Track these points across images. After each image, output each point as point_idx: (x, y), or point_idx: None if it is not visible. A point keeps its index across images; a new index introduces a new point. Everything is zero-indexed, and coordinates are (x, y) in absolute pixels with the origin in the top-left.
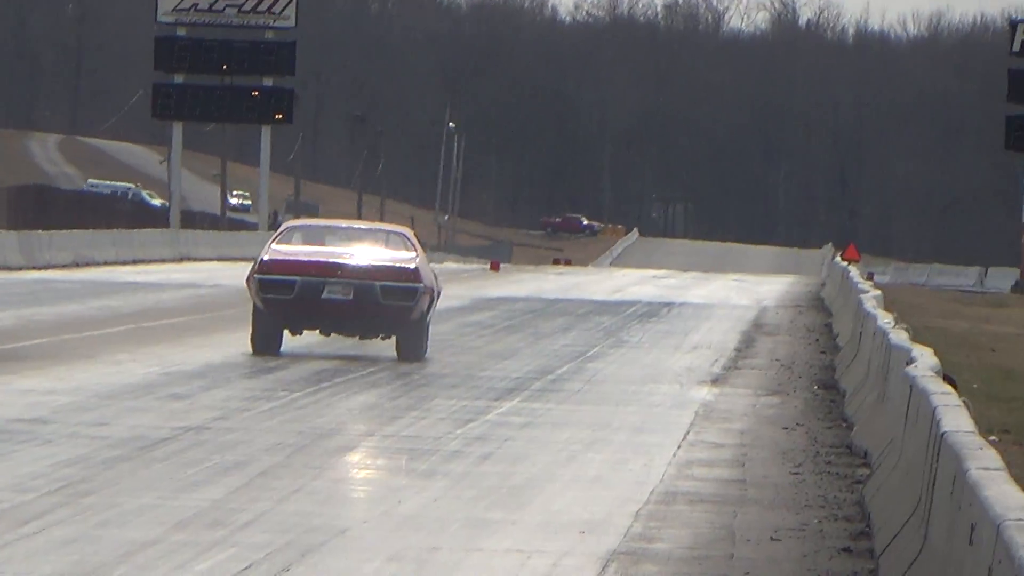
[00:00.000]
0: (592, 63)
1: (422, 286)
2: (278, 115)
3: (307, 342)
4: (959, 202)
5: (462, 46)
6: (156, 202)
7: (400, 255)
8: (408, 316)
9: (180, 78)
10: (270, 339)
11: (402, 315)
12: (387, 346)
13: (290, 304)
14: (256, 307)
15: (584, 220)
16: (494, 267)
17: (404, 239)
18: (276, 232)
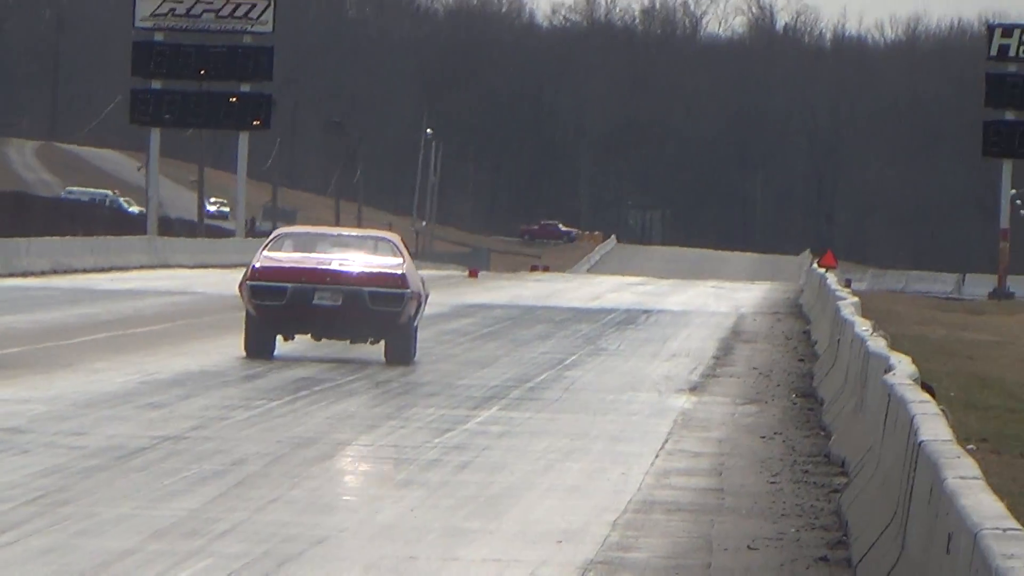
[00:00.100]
0: (569, 69)
1: (409, 291)
2: (256, 121)
3: (299, 347)
4: (936, 208)
5: (439, 52)
6: (133, 209)
7: (388, 261)
8: (396, 320)
9: (158, 84)
10: (263, 344)
11: (390, 319)
12: (375, 350)
13: (281, 310)
14: (249, 313)
15: (561, 227)
16: (472, 274)
17: (392, 246)
18: (267, 239)
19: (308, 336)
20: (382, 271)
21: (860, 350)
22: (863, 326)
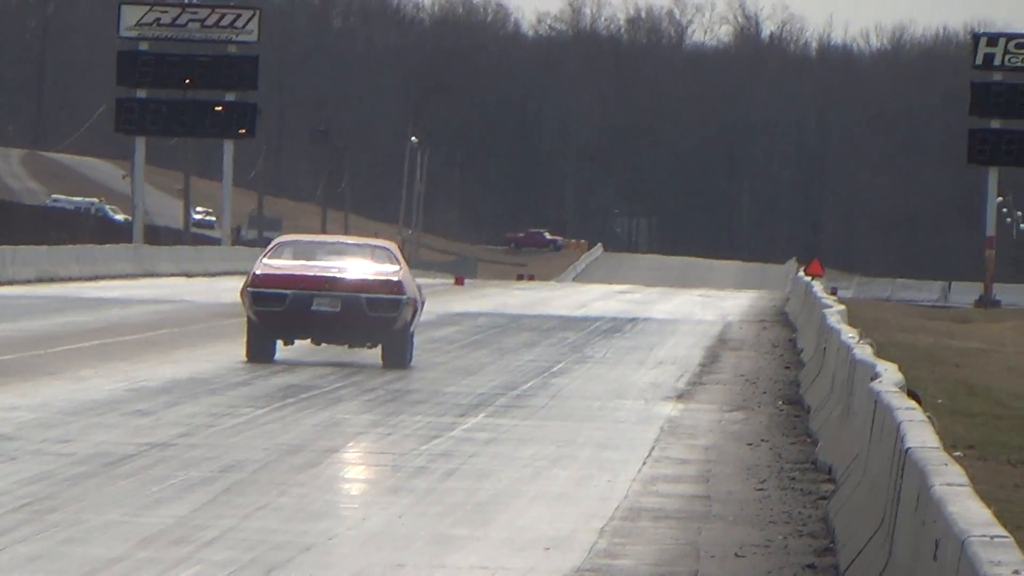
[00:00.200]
0: (555, 77)
1: (405, 297)
2: (241, 130)
3: (298, 352)
4: (922, 216)
5: (425, 60)
6: (119, 217)
7: (385, 268)
8: (392, 326)
9: (143, 93)
10: (264, 349)
11: (387, 325)
12: (372, 355)
13: (282, 316)
14: (250, 319)
15: (547, 235)
16: (458, 282)
17: (389, 253)
18: (268, 247)
19: (308, 341)
20: (379, 278)
21: (846, 357)
22: (849, 334)
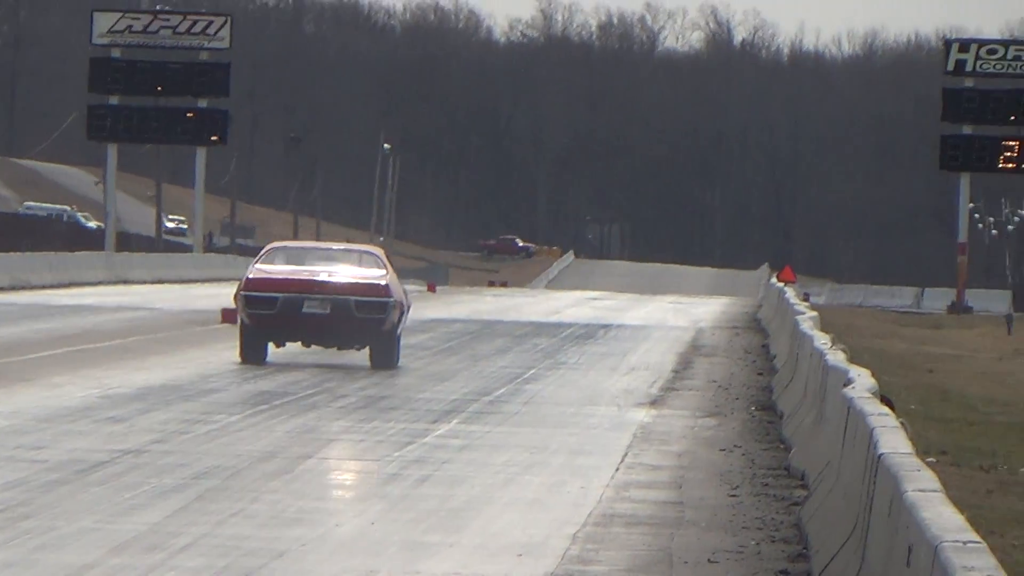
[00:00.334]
0: (527, 84)
1: (392, 300)
2: (213, 136)
3: (289, 353)
4: (895, 222)
5: (397, 67)
6: (91, 224)
7: (372, 273)
8: (380, 328)
9: (115, 100)
10: (256, 350)
11: (375, 327)
12: (360, 357)
13: (273, 318)
14: (243, 321)
15: (519, 242)
16: (431, 288)
17: (376, 258)
18: (260, 253)
19: (299, 344)
20: (367, 281)
21: (819, 363)
22: (822, 340)
